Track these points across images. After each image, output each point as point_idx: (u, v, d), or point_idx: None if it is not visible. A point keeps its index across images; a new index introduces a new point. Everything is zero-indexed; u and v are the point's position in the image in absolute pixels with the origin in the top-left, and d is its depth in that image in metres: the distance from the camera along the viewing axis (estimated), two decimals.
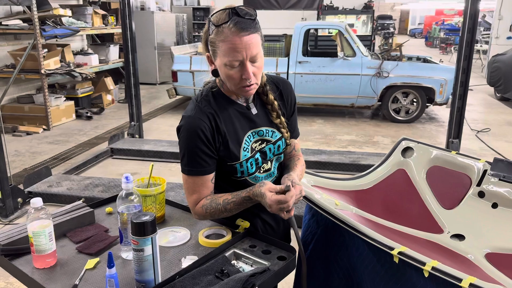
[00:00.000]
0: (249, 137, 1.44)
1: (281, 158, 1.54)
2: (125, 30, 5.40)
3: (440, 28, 20.68)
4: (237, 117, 1.42)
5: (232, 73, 1.31)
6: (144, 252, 1.11)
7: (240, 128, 1.42)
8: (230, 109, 1.42)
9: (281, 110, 1.51)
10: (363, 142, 5.79)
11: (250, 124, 1.45)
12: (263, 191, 1.29)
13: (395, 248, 1.30)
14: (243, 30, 1.26)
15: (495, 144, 5.69)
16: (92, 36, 8.68)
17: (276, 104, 1.48)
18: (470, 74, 4.79)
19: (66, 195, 3.80)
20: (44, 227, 1.22)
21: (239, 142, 1.41)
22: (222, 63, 1.31)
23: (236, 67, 1.30)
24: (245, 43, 1.26)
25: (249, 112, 1.45)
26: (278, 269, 1.23)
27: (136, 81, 5.59)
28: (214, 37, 1.29)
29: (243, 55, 1.28)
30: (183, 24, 11.03)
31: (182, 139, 1.38)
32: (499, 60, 8.44)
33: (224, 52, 1.28)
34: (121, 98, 8.42)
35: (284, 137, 1.50)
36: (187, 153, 1.36)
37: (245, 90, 1.36)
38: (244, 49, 1.27)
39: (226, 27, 1.26)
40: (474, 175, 1.86)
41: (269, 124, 1.48)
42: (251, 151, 1.43)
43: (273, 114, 1.48)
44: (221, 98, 1.42)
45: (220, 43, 1.28)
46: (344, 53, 6.61)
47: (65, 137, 5.93)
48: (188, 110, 1.40)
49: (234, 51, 1.27)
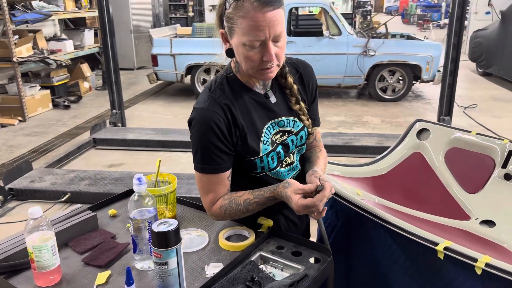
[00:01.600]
0: (268, 128, 1.28)
1: (303, 149, 1.40)
2: (102, 13, 5.11)
3: (416, 5, 20.69)
4: (254, 107, 1.27)
5: (252, 54, 1.15)
6: (169, 266, 0.96)
7: (258, 119, 1.26)
8: (246, 98, 1.26)
9: (301, 95, 1.35)
10: (352, 123, 5.70)
11: (269, 114, 1.29)
12: (288, 194, 1.16)
13: (439, 244, 1.18)
14: (267, 4, 1.09)
15: (483, 119, 5.69)
16: (65, 20, 8.25)
17: (295, 88, 1.32)
18: (460, 49, 4.73)
19: (50, 190, 3.58)
20: (45, 240, 1.05)
21: (258, 135, 1.26)
22: (240, 43, 1.14)
23: (256, 47, 1.14)
24: (269, 20, 1.10)
25: (268, 101, 1.29)
26: (316, 275, 1.10)
27: (116, 67, 5.31)
28: (232, 12, 1.12)
29: (265, 34, 1.11)
30: (159, 6, 10.64)
31: (194, 134, 1.22)
32: (481, 36, 8.45)
33: (244, 30, 1.11)
34: (98, 85, 8.08)
35: (305, 125, 1.35)
36: (200, 149, 1.21)
37: (265, 73, 1.19)
38: (268, 27, 1.10)
39: (247, 1, 1.09)
40: (498, 156, 1.76)
41: (289, 113, 1.33)
42: (272, 144, 1.28)
43: (292, 100, 1.33)
44: (237, 86, 1.26)
45: (240, 20, 1.11)
46: (329, 32, 6.45)
47: (42, 128, 5.64)
48: (201, 101, 1.23)
49: (256, 29, 1.10)
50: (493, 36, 7.93)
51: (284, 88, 1.32)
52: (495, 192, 1.71)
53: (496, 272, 1.06)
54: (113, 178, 3.77)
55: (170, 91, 7.84)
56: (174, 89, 7.94)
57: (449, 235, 1.51)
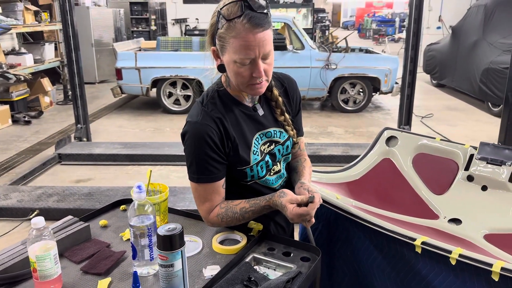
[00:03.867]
0: (257, 139, 1.37)
1: (289, 158, 1.49)
2: (66, 27, 5.04)
3: (372, 20, 21.56)
4: (244, 120, 1.35)
5: (242, 71, 1.22)
6: (174, 268, 1.02)
7: (248, 131, 1.35)
8: (236, 111, 1.34)
9: (286, 107, 1.44)
10: (318, 133, 5.88)
11: (257, 126, 1.37)
12: (284, 203, 1.24)
13: (417, 239, 1.29)
14: (257, 26, 1.17)
15: (439, 128, 6.02)
16: (23, 34, 8.04)
17: (280, 100, 1.41)
18: (417, 62, 5.01)
19: (17, 207, 3.48)
20: (48, 250, 1.07)
21: (249, 145, 1.34)
22: (231, 60, 1.22)
23: (247, 64, 1.22)
24: (259, 40, 1.18)
25: (256, 114, 1.38)
26: (308, 272, 1.18)
27: (80, 81, 5.24)
28: (224, 32, 1.19)
29: (255, 53, 1.19)
30: (120, 20, 10.55)
31: (189, 147, 1.28)
32: (434, 49, 8.94)
33: (235, 49, 1.19)
34: (59, 99, 7.90)
35: (290, 135, 1.44)
36: (196, 160, 1.27)
37: (255, 88, 1.27)
38: (257, 46, 1.18)
39: (238, 22, 1.16)
40: (461, 160, 1.91)
41: (275, 125, 1.41)
42: (261, 154, 1.37)
43: (277, 111, 1.42)
44: (228, 99, 1.34)
45: (231, 39, 1.18)
46: (293, 46, 6.65)
47: (3, 144, 5.45)
48: (194, 115, 1.29)
49: (247, 48, 1.18)
50: (445, 49, 8.42)
51: (270, 101, 1.41)
52: (460, 192, 1.85)
53: (469, 261, 1.18)
54: (82, 193, 3.71)
55: (135, 104, 7.78)
56: (139, 102, 7.88)
57: (422, 232, 1.63)
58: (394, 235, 1.35)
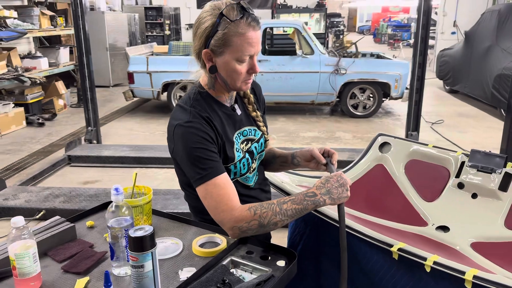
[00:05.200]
0: (236, 138, 1.44)
1: (262, 155, 1.57)
2: (78, 31, 5.15)
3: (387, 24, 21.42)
4: (225, 119, 1.42)
5: (240, 68, 1.32)
6: (145, 268, 1.04)
7: (229, 130, 1.42)
8: (219, 111, 1.41)
9: (256, 105, 1.56)
10: (325, 138, 5.87)
11: (236, 125, 1.45)
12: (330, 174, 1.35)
13: (394, 245, 1.30)
14: (257, 25, 1.30)
15: (449, 134, 5.95)
16: (40, 38, 8.24)
17: (252, 97, 1.53)
18: (425, 68, 4.97)
19: (25, 207, 3.57)
20: (27, 248, 1.11)
21: (232, 144, 1.41)
22: (231, 58, 1.30)
23: (245, 61, 1.32)
24: (258, 37, 1.31)
25: (235, 114, 1.46)
26: (282, 275, 1.19)
27: (91, 84, 5.35)
28: (227, 32, 1.27)
29: (255, 49, 1.31)
30: (135, 24, 10.72)
31: (187, 147, 1.29)
32: (447, 55, 8.84)
33: (238, 46, 1.28)
34: (73, 102, 8.06)
35: (263, 131, 1.54)
36: (198, 158, 1.28)
37: (247, 84, 1.39)
38: (257, 43, 1.31)
39: (242, 22, 1.27)
40: (452, 167, 1.90)
41: (250, 123, 1.51)
42: (242, 152, 1.44)
43: (249, 107, 1.52)
44: (211, 101, 1.41)
45: (235, 38, 1.27)
46: (302, 51, 6.67)
47: (16, 146, 5.59)
48: (183, 117, 1.32)
49: (249, 45, 1.29)
50: (458, 55, 8.33)
51: (243, 98, 1.51)
52: (450, 200, 1.85)
53: (443, 269, 1.18)
54: (88, 194, 3.78)
55: (147, 108, 7.89)
56: (151, 106, 7.99)
57: (408, 239, 1.63)
58: (372, 241, 1.35)
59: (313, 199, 1.27)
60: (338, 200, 1.31)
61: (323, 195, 1.29)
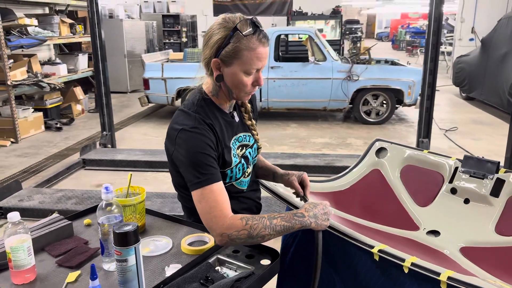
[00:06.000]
0: (233, 143, 1.50)
1: (255, 161, 1.63)
2: (94, 38, 5.31)
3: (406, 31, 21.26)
4: (225, 126, 1.48)
5: (246, 80, 1.39)
6: (128, 262, 1.10)
7: (227, 136, 1.48)
8: (220, 118, 1.47)
9: (252, 114, 1.61)
10: (336, 145, 5.88)
11: (233, 131, 1.51)
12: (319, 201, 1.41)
13: (375, 246, 1.33)
14: (267, 41, 1.37)
15: (462, 142, 5.89)
16: (60, 45, 8.50)
17: (249, 107, 1.59)
18: (436, 75, 4.95)
19: (38, 209, 3.70)
20: (22, 242, 1.19)
21: (229, 149, 1.46)
22: (239, 70, 1.37)
23: (252, 74, 1.38)
24: (266, 53, 1.38)
25: (233, 121, 1.53)
26: (262, 273, 1.24)
27: (107, 90, 5.50)
28: (239, 45, 1.33)
29: (263, 63, 1.38)
30: (153, 32, 10.93)
31: (190, 152, 1.33)
32: (463, 61, 8.75)
33: (248, 60, 1.34)
34: (91, 107, 8.26)
35: (256, 139, 1.60)
36: (201, 163, 1.33)
37: (249, 95, 1.47)
38: (265, 59, 1.38)
39: (254, 38, 1.34)
40: (446, 173, 1.92)
41: (244, 130, 1.57)
42: (238, 157, 1.50)
43: (246, 116, 1.58)
44: (213, 107, 1.46)
45: (245, 52, 1.34)
46: (315, 58, 6.71)
47: (34, 149, 5.77)
48: (188, 122, 1.37)
49: (258, 60, 1.36)
50: (475, 61, 8.23)
51: (241, 107, 1.57)
52: (443, 205, 1.86)
53: (419, 270, 1.21)
54: (99, 197, 3.87)
55: (161, 113, 8.03)
56: (165, 111, 8.13)
57: (396, 243, 1.66)
58: (356, 243, 1.38)
59: (301, 219, 1.33)
60: (320, 226, 1.37)
61: (310, 218, 1.34)
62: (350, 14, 27.49)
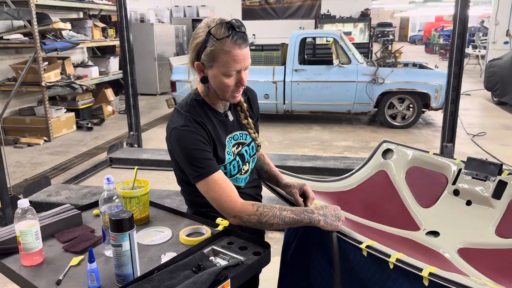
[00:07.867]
0: (228, 142, 1.56)
1: (255, 159, 1.67)
2: (123, 42, 5.51)
3: (439, 34, 20.79)
4: (218, 124, 1.54)
5: (228, 81, 1.43)
6: (122, 247, 1.19)
7: (221, 134, 1.54)
8: (212, 117, 1.53)
9: (249, 113, 1.66)
10: (359, 148, 5.85)
11: (227, 130, 1.57)
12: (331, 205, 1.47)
13: (363, 242, 1.36)
14: (243, 43, 1.39)
15: (490, 147, 5.74)
16: (93, 48, 8.82)
17: (245, 106, 1.63)
18: (461, 79, 4.85)
19: (64, 203, 3.87)
20: (31, 226, 1.29)
21: (223, 146, 1.53)
22: (219, 73, 1.41)
23: (232, 75, 1.42)
24: (244, 54, 1.40)
25: (227, 120, 1.58)
26: (251, 263, 1.30)
27: (134, 92, 5.69)
28: (214, 49, 1.38)
29: (241, 65, 1.41)
30: (182, 36, 11.17)
31: (185, 148, 1.42)
32: (496, 65, 8.51)
33: (224, 63, 1.39)
34: (121, 109, 8.54)
35: (253, 137, 1.64)
36: (196, 156, 1.41)
37: (235, 96, 1.49)
38: (243, 60, 1.40)
39: (228, 41, 1.37)
40: (450, 174, 1.92)
41: (241, 128, 1.62)
42: (233, 155, 1.55)
43: (242, 115, 1.62)
44: (205, 107, 1.53)
45: (221, 55, 1.38)
46: (339, 61, 6.70)
47: (65, 148, 6.03)
48: (179, 121, 1.46)
49: (235, 62, 1.39)
50: (507, 65, 7.99)
51: (237, 106, 1.62)
52: (445, 206, 1.87)
53: (403, 265, 1.24)
54: None
55: None
56: None
57: (393, 242, 1.68)
58: (344, 238, 1.42)
59: (311, 215, 1.40)
60: (330, 226, 1.42)
61: (320, 215, 1.41)
62: (383, 17, 27.13)
